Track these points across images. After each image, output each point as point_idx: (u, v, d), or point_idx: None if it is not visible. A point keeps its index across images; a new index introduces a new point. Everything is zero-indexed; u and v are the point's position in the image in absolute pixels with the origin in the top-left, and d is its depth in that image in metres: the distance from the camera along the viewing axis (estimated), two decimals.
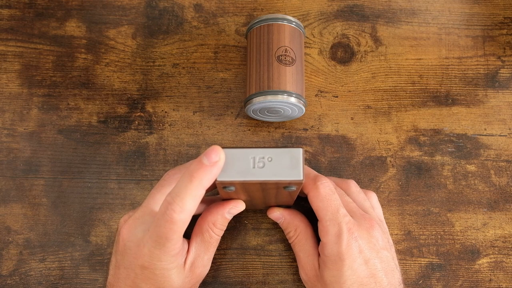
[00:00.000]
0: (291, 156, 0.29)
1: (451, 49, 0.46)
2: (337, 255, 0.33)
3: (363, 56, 0.46)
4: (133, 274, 0.32)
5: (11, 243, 0.41)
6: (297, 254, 0.37)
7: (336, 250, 0.33)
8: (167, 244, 0.30)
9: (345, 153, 0.43)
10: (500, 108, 0.44)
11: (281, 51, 0.39)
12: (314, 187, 0.34)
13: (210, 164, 0.28)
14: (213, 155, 0.28)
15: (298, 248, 0.37)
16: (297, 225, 0.37)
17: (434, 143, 0.43)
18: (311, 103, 0.44)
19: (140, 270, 0.32)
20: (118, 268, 0.33)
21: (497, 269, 0.41)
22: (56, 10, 0.47)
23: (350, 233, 0.33)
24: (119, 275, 0.33)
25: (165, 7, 0.47)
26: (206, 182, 0.29)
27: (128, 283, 0.32)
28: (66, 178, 0.42)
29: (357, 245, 0.33)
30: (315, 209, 0.34)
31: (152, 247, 0.31)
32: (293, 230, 0.37)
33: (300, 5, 0.47)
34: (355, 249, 0.33)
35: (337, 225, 0.33)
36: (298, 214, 0.38)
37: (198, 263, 0.34)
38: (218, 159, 0.28)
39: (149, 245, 0.31)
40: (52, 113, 0.44)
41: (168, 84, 0.45)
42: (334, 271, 0.33)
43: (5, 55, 0.45)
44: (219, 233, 0.35)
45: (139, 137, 0.43)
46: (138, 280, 0.32)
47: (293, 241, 0.37)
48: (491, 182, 0.43)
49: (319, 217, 0.34)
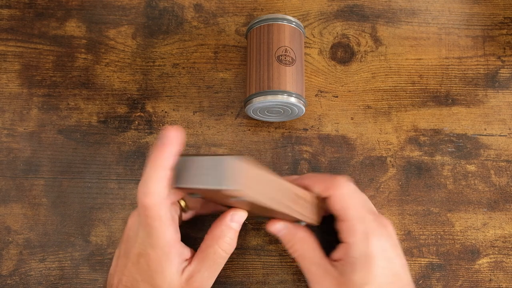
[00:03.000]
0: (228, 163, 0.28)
1: (451, 49, 0.46)
2: (366, 254, 0.32)
3: (363, 56, 0.46)
4: (130, 263, 0.32)
5: (11, 243, 0.41)
6: (307, 269, 0.34)
7: (364, 250, 0.32)
8: (152, 232, 0.31)
9: (345, 153, 0.43)
10: (500, 108, 0.44)
11: (281, 51, 0.39)
12: (338, 186, 0.33)
13: (162, 144, 0.30)
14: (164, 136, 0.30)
15: (308, 261, 0.34)
16: (302, 237, 0.35)
17: (434, 143, 0.43)
18: (311, 103, 0.44)
19: (137, 259, 0.32)
20: (119, 258, 0.34)
21: (497, 269, 0.41)
22: (56, 10, 0.47)
23: (377, 232, 0.32)
24: (119, 265, 0.33)
25: (165, 7, 0.47)
26: (164, 162, 0.30)
27: (126, 273, 0.33)
28: (66, 178, 0.42)
29: (381, 244, 0.32)
30: (339, 208, 0.33)
31: (143, 235, 0.31)
32: (298, 242, 0.35)
33: (300, 5, 0.47)
34: (380, 248, 0.32)
35: (364, 224, 0.32)
36: (299, 226, 0.36)
37: (196, 277, 0.33)
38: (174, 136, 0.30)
39: (141, 234, 0.32)
40: (52, 113, 0.44)
41: (168, 84, 0.45)
42: (363, 272, 0.32)
43: (5, 55, 0.45)
44: (227, 248, 0.34)
45: (139, 137, 0.43)
46: (134, 270, 0.32)
47: (300, 254, 0.35)
48: (491, 182, 0.43)
49: (345, 216, 0.33)
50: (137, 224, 0.32)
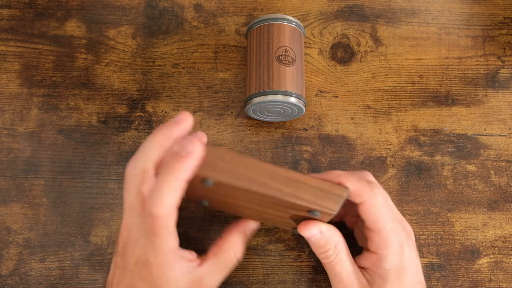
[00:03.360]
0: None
1: (451, 49, 0.46)
2: (400, 266, 0.31)
3: (363, 56, 0.46)
4: (130, 274, 0.32)
5: (11, 243, 0.41)
6: (337, 275, 0.33)
7: (399, 262, 0.31)
8: (157, 241, 0.29)
9: (345, 153, 0.43)
10: (500, 108, 0.44)
11: (281, 51, 0.39)
12: (372, 195, 0.30)
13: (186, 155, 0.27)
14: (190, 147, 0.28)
15: (339, 269, 0.33)
16: (337, 242, 0.33)
17: (434, 143, 0.43)
18: (311, 103, 0.44)
19: (138, 270, 0.31)
20: (117, 268, 0.33)
21: (497, 269, 0.41)
22: (56, 10, 0.47)
23: (407, 241, 0.31)
24: (118, 275, 0.33)
25: (165, 7, 0.47)
26: (183, 175, 0.28)
27: (126, 283, 0.32)
28: (66, 178, 0.42)
29: (411, 253, 0.32)
30: (372, 218, 0.31)
31: (144, 246, 0.30)
32: (333, 247, 0.33)
33: (300, 5, 0.47)
34: (410, 258, 0.31)
35: (398, 234, 0.31)
36: (335, 229, 0.33)
37: (207, 280, 0.32)
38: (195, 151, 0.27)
39: (142, 243, 0.30)
40: (52, 113, 0.44)
41: (168, 84, 0.45)
42: (396, 284, 0.31)
43: (5, 55, 0.45)
44: (239, 254, 0.34)
45: (139, 137, 0.43)
46: (136, 281, 0.31)
47: (333, 261, 0.33)
48: (491, 182, 0.43)
49: (379, 226, 0.31)
50: (136, 230, 0.31)
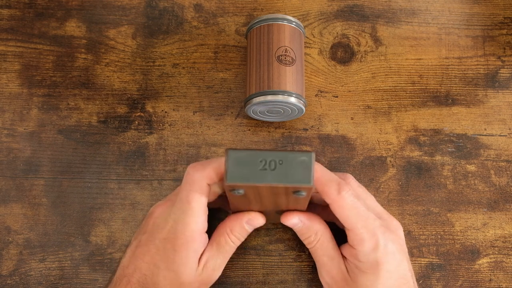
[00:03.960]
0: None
1: (451, 49, 0.46)
2: (375, 260, 0.32)
3: (363, 56, 0.46)
4: (155, 249, 0.33)
5: (11, 243, 0.41)
6: (319, 258, 0.36)
7: (373, 257, 0.32)
8: (189, 212, 0.32)
9: (345, 153, 0.43)
10: (500, 108, 0.44)
11: (281, 51, 0.39)
12: (339, 198, 0.32)
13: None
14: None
15: (320, 253, 0.36)
16: (317, 229, 0.35)
17: (434, 143, 0.43)
18: (311, 103, 0.44)
19: (163, 245, 0.33)
20: (139, 247, 0.34)
21: (497, 269, 0.41)
22: (56, 10, 0.47)
23: (385, 238, 0.33)
24: (138, 253, 0.34)
25: (165, 7, 0.47)
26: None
27: (146, 260, 0.33)
28: (66, 178, 0.42)
29: (391, 249, 0.33)
30: (342, 218, 0.33)
31: (176, 217, 0.32)
32: (313, 234, 0.35)
33: (300, 5, 0.47)
34: (390, 253, 0.33)
35: (372, 232, 0.32)
36: (316, 217, 0.36)
37: (209, 264, 0.34)
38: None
39: (175, 215, 0.33)
40: (52, 113, 0.44)
41: (168, 84, 0.45)
42: (371, 276, 0.33)
43: (5, 55, 0.45)
44: (235, 240, 0.35)
45: (139, 137, 0.43)
46: (157, 257, 0.33)
47: (314, 246, 0.36)
48: (491, 182, 0.43)
49: (349, 226, 0.33)
50: (168, 212, 0.34)
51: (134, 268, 0.33)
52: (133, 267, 0.33)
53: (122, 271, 0.34)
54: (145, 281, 0.33)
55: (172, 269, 0.33)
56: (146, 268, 0.33)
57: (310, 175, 0.28)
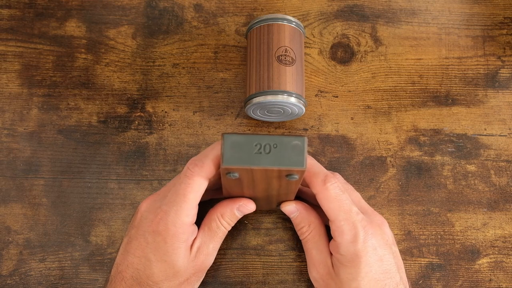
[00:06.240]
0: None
1: (451, 49, 0.46)
2: (354, 253, 0.33)
3: (363, 56, 0.46)
4: (145, 242, 0.33)
5: (11, 243, 0.41)
6: (309, 251, 0.37)
7: (352, 249, 0.33)
8: (183, 205, 0.32)
9: (345, 153, 0.43)
10: (500, 108, 0.45)
11: (281, 51, 0.39)
12: (324, 188, 0.33)
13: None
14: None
15: (310, 245, 0.36)
16: (311, 221, 0.36)
17: (434, 143, 0.43)
18: (311, 103, 0.44)
19: (152, 237, 0.33)
20: (129, 243, 0.34)
21: (497, 269, 0.41)
22: (56, 10, 0.47)
23: (365, 231, 0.33)
24: (129, 249, 0.34)
25: (165, 7, 0.47)
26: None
27: (137, 254, 0.33)
28: (66, 178, 0.42)
29: (372, 243, 0.33)
30: (326, 210, 0.34)
31: (168, 209, 0.32)
32: (307, 225, 0.36)
33: (300, 5, 0.47)
34: (370, 247, 0.33)
35: (352, 224, 0.33)
36: (313, 210, 0.37)
37: (203, 250, 0.35)
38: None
39: (165, 207, 0.32)
40: (52, 113, 0.44)
41: (168, 84, 0.45)
42: (351, 269, 0.33)
43: (5, 55, 0.45)
44: (226, 225, 0.36)
45: (139, 137, 0.43)
46: (148, 250, 0.33)
47: (306, 237, 0.37)
48: (491, 182, 0.43)
49: (332, 218, 0.34)
50: (157, 205, 0.34)
51: (126, 264, 0.34)
52: (126, 263, 0.34)
53: (116, 269, 0.34)
54: (138, 275, 0.33)
55: (165, 260, 0.33)
56: (138, 262, 0.33)
57: (303, 158, 0.29)
